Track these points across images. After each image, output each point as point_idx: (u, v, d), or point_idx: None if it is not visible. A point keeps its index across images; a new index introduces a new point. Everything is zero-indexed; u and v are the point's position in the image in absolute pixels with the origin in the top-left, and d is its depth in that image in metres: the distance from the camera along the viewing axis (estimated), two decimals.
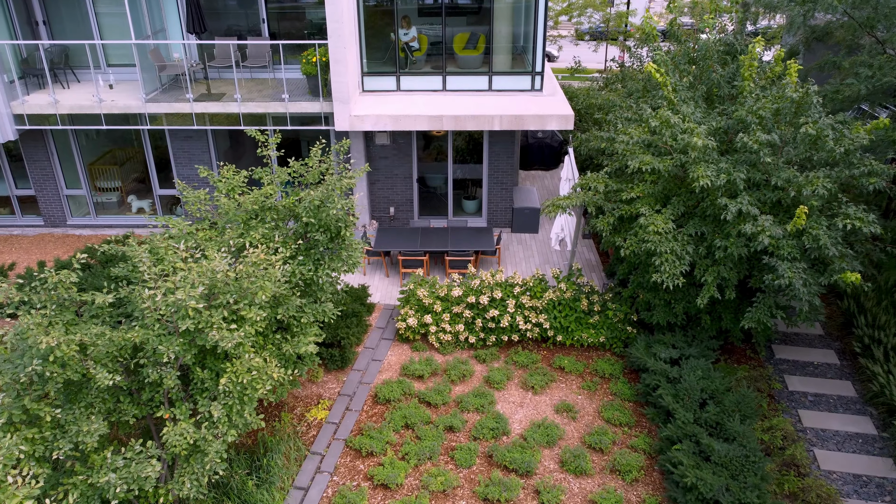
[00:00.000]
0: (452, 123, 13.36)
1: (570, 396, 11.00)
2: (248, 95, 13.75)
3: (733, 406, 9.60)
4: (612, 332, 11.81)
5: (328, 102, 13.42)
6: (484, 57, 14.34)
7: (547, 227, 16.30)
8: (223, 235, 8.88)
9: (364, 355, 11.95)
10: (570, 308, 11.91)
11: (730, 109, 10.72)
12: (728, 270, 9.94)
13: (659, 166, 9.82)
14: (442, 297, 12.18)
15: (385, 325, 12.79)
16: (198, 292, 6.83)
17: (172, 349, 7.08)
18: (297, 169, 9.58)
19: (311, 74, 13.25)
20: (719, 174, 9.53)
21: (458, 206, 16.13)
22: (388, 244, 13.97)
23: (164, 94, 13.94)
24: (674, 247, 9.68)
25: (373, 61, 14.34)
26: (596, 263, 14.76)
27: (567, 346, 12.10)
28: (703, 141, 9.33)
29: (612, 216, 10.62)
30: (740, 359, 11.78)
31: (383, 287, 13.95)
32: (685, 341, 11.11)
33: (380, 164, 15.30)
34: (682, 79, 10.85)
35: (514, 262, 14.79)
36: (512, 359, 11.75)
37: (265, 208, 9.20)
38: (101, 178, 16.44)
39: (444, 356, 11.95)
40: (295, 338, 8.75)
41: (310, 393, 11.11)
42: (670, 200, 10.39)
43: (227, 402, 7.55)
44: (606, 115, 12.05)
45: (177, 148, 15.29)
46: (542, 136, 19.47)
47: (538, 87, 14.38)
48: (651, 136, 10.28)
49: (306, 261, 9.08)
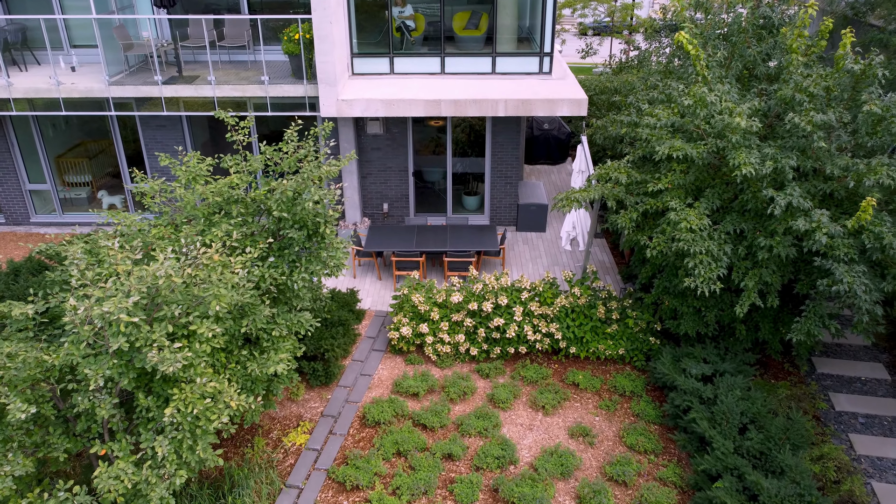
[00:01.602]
0: (452, 109, 11.98)
1: (587, 418, 9.61)
2: (224, 78, 12.36)
3: (780, 432, 8.21)
4: (632, 344, 10.42)
5: (313, 86, 12.04)
6: (486, 39, 12.96)
7: (555, 224, 14.91)
8: (180, 233, 7.49)
9: (351, 369, 10.56)
10: (585, 316, 10.53)
11: (770, 89, 9.33)
12: (771, 274, 8.56)
13: (692, 152, 8.44)
14: (440, 303, 10.80)
15: (376, 334, 11.40)
16: (129, 303, 5.43)
17: (102, 372, 5.69)
18: (271, 155, 8.19)
19: (294, 54, 11.87)
20: (764, 161, 8.14)
21: (458, 202, 14.75)
22: (381, 244, 12.59)
23: (130, 76, 12.55)
24: (709, 246, 8.30)
25: (364, 42, 12.97)
26: (610, 265, 13.37)
27: (581, 359, 10.71)
28: (747, 122, 7.95)
29: (634, 211, 9.24)
30: (778, 373, 10.39)
31: (375, 291, 12.56)
32: (717, 354, 9.72)
33: (372, 156, 13.93)
34: (716, 54, 9.47)
35: (520, 263, 13.40)
36: (519, 373, 10.36)
37: (231, 201, 7.81)
38: (70, 172, 15.05)
39: (443, 370, 10.56)
40: (264, 354, 7.36)
41: (288, 413, 9.72)
42: (703, 193, 9.01)
43: (175, 435, 6.16)
44: (626, 98, 10.66)
45: (148, 138, 13.90)
46: (548, 128, 18.09)
47: (547, 69, 13.00)
48: (681, 119, 8.90)
49: (279, 263, 7.69)
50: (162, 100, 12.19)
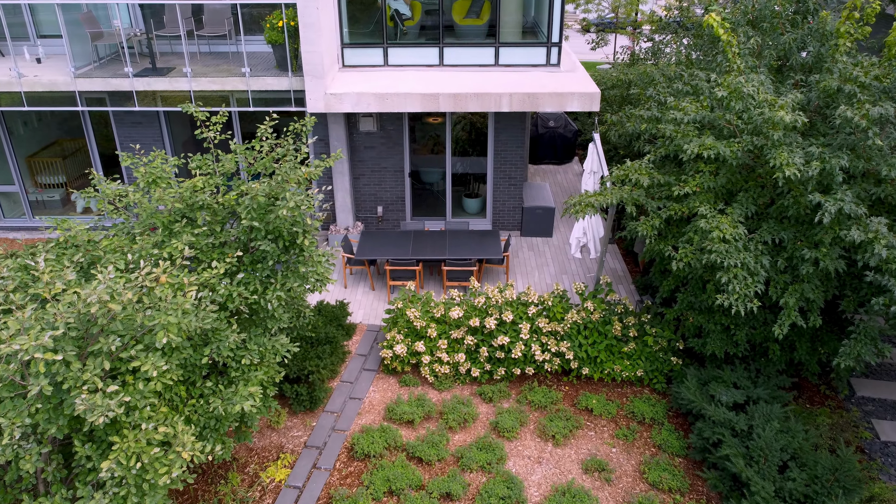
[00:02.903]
0: (451, 104, 10.93)
1: (602, 449, 8.56)
2: (201, 70, 11.31)
3: (827, 472, 7.16)
4: (651, 364, 9.37)
5: (299, 78, 10.99)
6: (489, 28, 11.90)
7: (563, 229, 13.86)
8: (136, 244, 6.44)
9: (339, 392, 9.51)
10: (599, 333, 9.48)
11: (810, 80, 8.28)
12: (814, 289, 7.51)
13: (725, 151, 7.38)
14: (438, 318, 9.75)
15: (368, 351, 10.35)
16: (45, 339, 4.38)
17: (20, 421, 4.65)
18: (243, 154, 7.14)
19: (278, 43, 10.81)
20: (809, 161, 7.09)
21: (458, 205, 13.71)
22: (374, 251, 11.54)
23: (100, 69, 11.50)
24: (745, 259, 7.24)
25: (356, 31, 11.92)
26: (623, 273, 12.31)
27: (595, 381, 9.66)
28: (792, 116, 6.89)
29: (657, 217, 8.19)
30: (813, 397, 9.35)
31: (367, 303, 11.51)
32: (748, 378, 8.67)
33: (365, 156, 12.88)
34: (748, 40, 8.41)
35: (525, 271, 12.35)
36: (526, 397, 9.31)
37: (197, 207, 6.76)
38: (43, 172, 14.00)
39: (441, 393, 9.51)
40: (233, 385, 6.32)
41: (268, 443, 8.67)
42: (735, 197, 7.96)
43: (118, 491, 5.11)
44: (645, 91, 9.61)
45: (123, 136, 12.86)
46: (553, 125, 17.03)
47: (554, 60, 11.94)
48: (710, 113, 7.85)
49: (251, 279, 6.64)
50: (133, 94, 11.13)
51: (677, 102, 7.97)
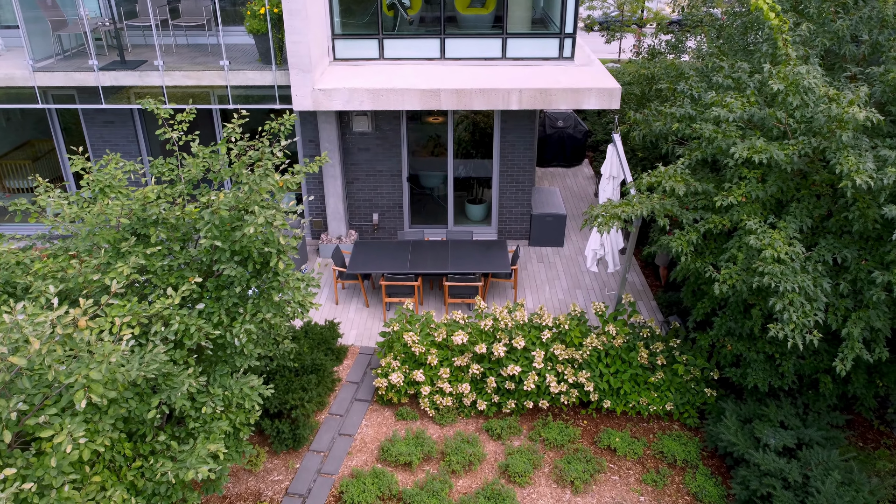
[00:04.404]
0: (454, 101, 9.80)
1: (629, 497, 7.43)
2: (176, 63, 10.17)
3: None
4: (682, 396, 8.24)
5: (284, 72, 9.85)
6: (495, 18, 10.77)
7: (574, 238, 12.73)
8: (74, 267, 5.31)
9: (328, 427, 8.37)
10: (623, 361, 8.34)
11: (870, 72, 7.15)
12: (881, 317, 6.38)
13: (779, 155, 6.25)
14: (439, 343, 8.62)
15: (360, 378, 9.21)
16: None
17: None
18: (206, 158, 6.01)
19: (260, 33, 9.68)
20: (883, 167, 5.96)
21: (461, 211, 12.58)
22: (368, 264, 10.40)
23: (64, 61, 10.36)
24: (803, 282, 6.11)
25: (349, 22, 10.79)
26: (642, 288, 11.18)
27: (617, 415, 8.53)
28: (866, 113, 5.76)
29: (694, 231, 7.05)
30: (866, 434, 8.21)
31: (360, 321, 10.37)
32: (796, 415, 7.54)
33: (359, 158, 11.74)
34: (798, 25, 7.28)
35: (535, 285, 11.22)
36: (539, 433, 8.18)
37: (150, 222, 5.63)
38: (12, 176, 12.87)
39: (442, 428, 8.38)
40: (192, 438, 5.18)
41: (243, 490, 7.54)
42: (787, 208, 6.83)
43: None
44: (674, 86, 8.48)
45: (94, 136, 11.72)
46: (562, 125, 15.90)
47: (568, 53, 10.80)
48: (760, 111, 6.72)
49: (215, 308, 5.51)
50: (99, 89, 10.00)
51: (720, 97, 6.82)
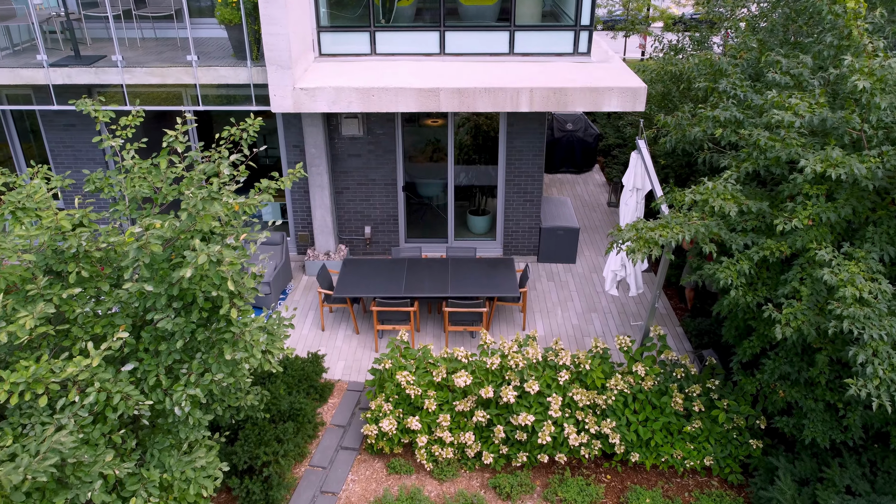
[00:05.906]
0: (455, 102, 8.59)
1: None
2: (138, 59, 8.95)
3: None
4: (723, 449, 7.03)
5: (261, 69, 8.64)
6: (500, 9, 9.56)
7: (588, 253, 11.51)
8: None
9: (308, 482, 7.15)
10: (654, 407, 7.13)
11: None
12: None
13: (860, 169, 5.03)
14: (438, 382, 7.40)
15: (348, 420, 7.99)
16: None
17: None
18: (144, 173, 4.79)
19: (234, 23, 8.47)
20: None
21: (462, 224, 11.37)
22: (358, 286, 9.19)
23: (12, 57, 9.15)
24: (892, 327, 4.90)
25: (337, 13, 9.57)
26: (666, 312, 9.97)
27: (647, 469, 7.31)
28: None
29: (745, 260, 5.84)
30: None
31: (349, 352, 9.16)
32: (863, 476, 6.33)
33: (349, 165, 10.53)
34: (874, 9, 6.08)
35: (546, 308, 10.00)
36: (556, 492, 6.96)
37: (69, 256, 4.40)
38: None
39: (442, 484, 7.16)
40: None
41: None
42: (860, 233, 5.62)
43: None
44: (715, 85, 7.27)
45: (54, 141, 10.50)
46: (572, 129, 14.69)
47: (584, 48, 9.59)
48: (834, 115, 5.50)
49: (152, 367, 4.29)
50: (50, 88, 8.78)
51: (782, 98, 5.61)
